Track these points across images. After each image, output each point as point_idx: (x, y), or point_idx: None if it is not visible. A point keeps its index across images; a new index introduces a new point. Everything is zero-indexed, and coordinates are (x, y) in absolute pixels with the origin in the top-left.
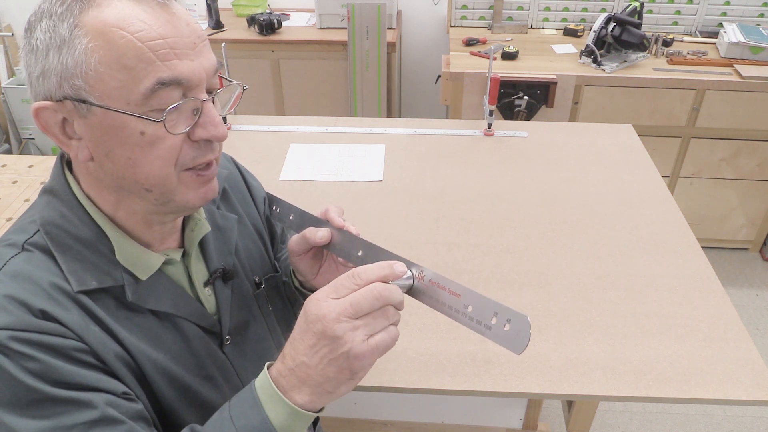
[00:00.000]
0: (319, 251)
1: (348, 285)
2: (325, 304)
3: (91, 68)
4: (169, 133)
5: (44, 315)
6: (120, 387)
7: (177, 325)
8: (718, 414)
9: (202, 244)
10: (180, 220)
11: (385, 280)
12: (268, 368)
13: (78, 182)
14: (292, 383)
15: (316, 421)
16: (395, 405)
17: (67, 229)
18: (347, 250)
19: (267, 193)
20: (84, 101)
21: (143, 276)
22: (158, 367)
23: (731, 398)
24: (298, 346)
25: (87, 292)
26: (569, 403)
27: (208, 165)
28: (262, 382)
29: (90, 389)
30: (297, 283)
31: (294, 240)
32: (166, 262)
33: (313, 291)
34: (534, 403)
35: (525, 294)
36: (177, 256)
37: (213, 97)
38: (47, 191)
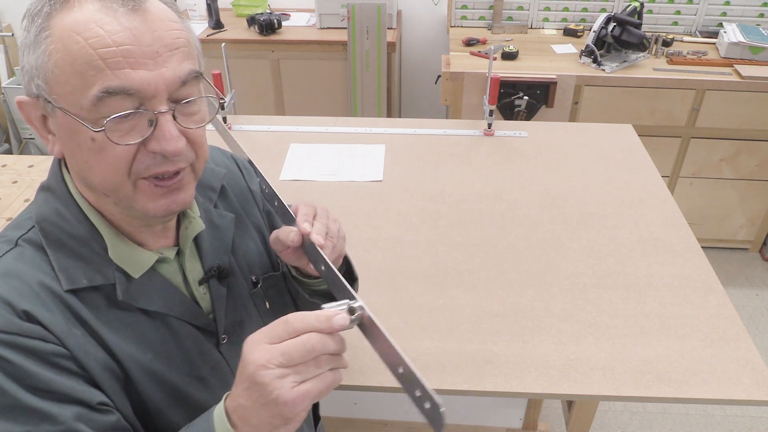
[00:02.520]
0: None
1: (280, 333)
2: (258, 348)
3: (49, 71)
4: (112, 142)
5: (27, 317)
6: (96, 396)
7: (168, 325)
8: (718, 414)
9: (197, 243)
10: (174, 218)
11: (321, 332)
12: (226, 398)
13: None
14: (236, 421)
15: (317, 421)
16: (395, 405)
17: (61, 226)
18: (314, 259)
19: (250, 161)
20: (48, 101)
21: (136, 274)
22: (145, 369)
23: (731, 398)
24: (236, 388)
25: (76, 292)
26: (569, 403)
27: (175, 174)
28: (219, 413)
29: (62, 399)
30: (294, 272)
31: (271, 239)
32: (159, 261)
33: (310, 278)
34: (534, 403)
35: (525, 294)
36: (171, 254)
37: (173, 110)
38: (44, 188)
